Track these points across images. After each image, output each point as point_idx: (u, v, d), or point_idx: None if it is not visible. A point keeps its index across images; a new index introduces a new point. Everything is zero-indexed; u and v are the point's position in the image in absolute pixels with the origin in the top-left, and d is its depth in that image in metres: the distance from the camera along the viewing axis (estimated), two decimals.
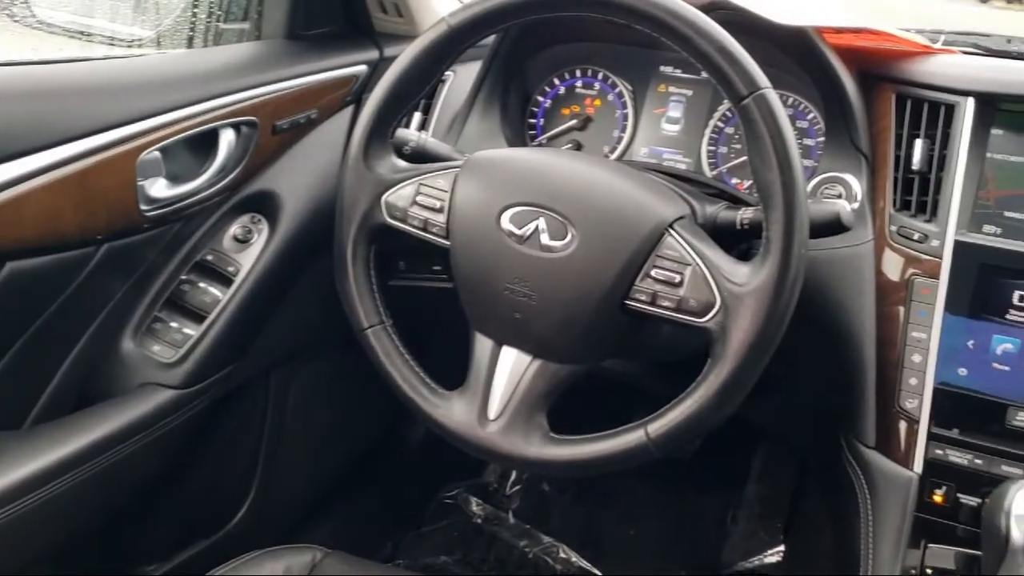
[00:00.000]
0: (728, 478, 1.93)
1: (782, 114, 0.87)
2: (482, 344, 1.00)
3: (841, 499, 1.16)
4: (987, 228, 1.08)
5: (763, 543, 1.79)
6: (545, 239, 0.95)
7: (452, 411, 1.00)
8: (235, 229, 1.34)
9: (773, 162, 0.87)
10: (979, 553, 0.96)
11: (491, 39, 1.32)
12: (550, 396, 0.97)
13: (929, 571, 1.06)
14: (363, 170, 1.05)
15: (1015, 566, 0.87)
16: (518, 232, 0.96)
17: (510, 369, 0.98)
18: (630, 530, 1.94)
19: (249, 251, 1.34)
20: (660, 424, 0.91)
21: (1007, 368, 1.04)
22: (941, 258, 1.07)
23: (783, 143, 0.86)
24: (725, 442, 1.86)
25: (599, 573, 1.82)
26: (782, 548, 1.76)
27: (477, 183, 1.00)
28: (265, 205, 1.35)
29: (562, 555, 1.85)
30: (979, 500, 1.02)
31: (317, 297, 1.36)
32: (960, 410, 1.06)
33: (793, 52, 1.18)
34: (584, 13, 0.95)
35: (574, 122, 1.37)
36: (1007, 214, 1.08)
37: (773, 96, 0.87)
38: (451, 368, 1.05)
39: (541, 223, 0.95)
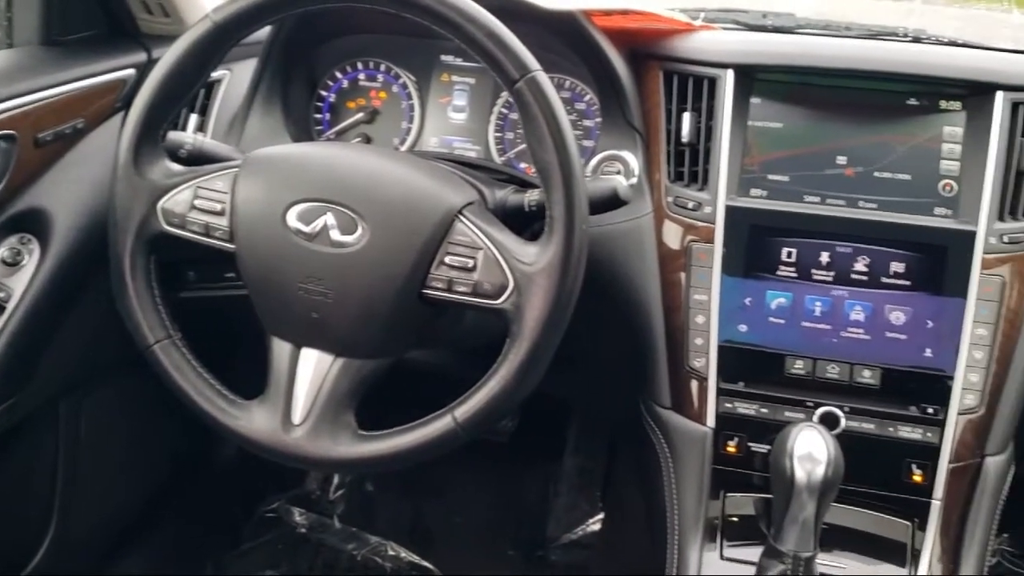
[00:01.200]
0: (546, 454, 1.98)
1: (554, 96, 0.89)
2: (280, 348, 0.97)
3: (646, 460, 1.22)
4: (754, 192, 1.15)
5: (584, 512, 1.85)
6: (335, 235, 0.93)
7: (253, 421, 0.97)
8: (2, 252, 1.24)
9: (549, 143, 0.89)
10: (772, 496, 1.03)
11: (267, 33, 1.28)
12: (356, 394, 0.96)
13: (735, 519, 1.14)
14: (134, 177, 0.99)
15: (801, 504, 0.95)
16: (306, 229, 0.94)
17: (312, 371, 0.96)
18: (457, 518, 1.95)
19: (20, 275, 1.24)
20: (466, 408, 0.92)
21: (782, 321, 1.12)
22: (715, 223, 1.13)
23: (557, 124, 0.89)
24: (540, 420, 1.91)
25: (429, 566, 1.83)
26: (601, 515, 1.83)
27: (258, 182, 0.97)
28: (34, 223, 1.25)
29: (391, 552, 1.85)
30: (768, 447, 1.09)
31: (100, 317, 1.28)
32: (744, 364, 1.13)
33: (565, 36, 1.21)
34: (350, 4, 0.93)
35: (361, 115, 1.36)
36: (771, 177, 1.16)
37: (544, 78, 0.90)
38: (261, 377, 1.02)
39: (329, 218, 0.94)
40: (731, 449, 1.14)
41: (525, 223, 1.05)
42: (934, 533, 1.09)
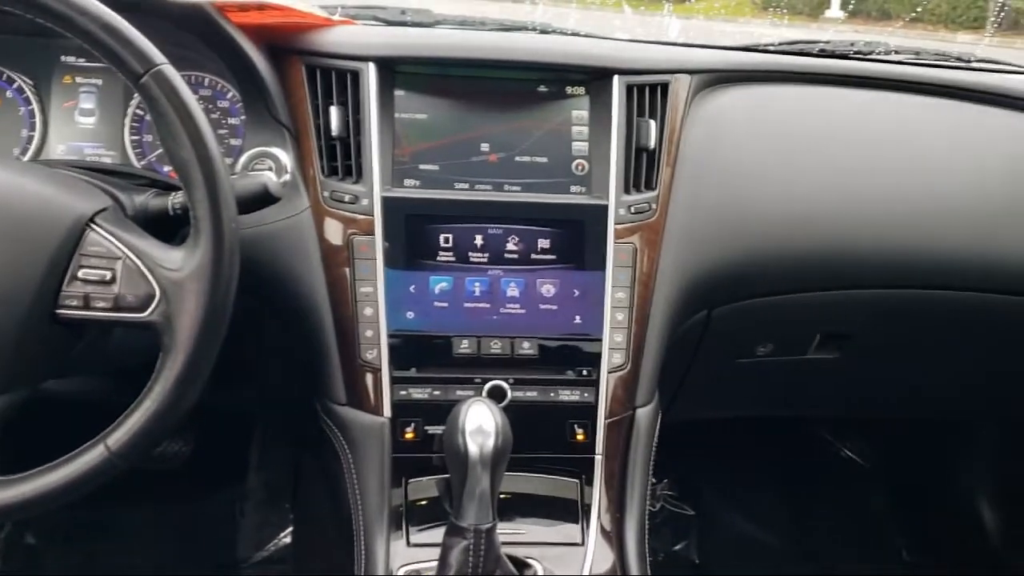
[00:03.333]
0: (229, 475, 1.89)
1: (184, 89, 0.85)
2: None
3: (329, 461, 1.20)
4: (408, 182, 1.17)
5: (275, 528, 1.79)
6: None
7: None
8: None
9: (184, 139, 0.84)
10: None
11: None
12: None
13: (421, 503, 1.15)
14: None
15: (476, 477, 0.98)
16: None
17: None
18: (138, 559, 1.81)
19: None
20: (120, 434, 0.85)
21: (446, 304, 1.15)
22: (373, 215, 1.14)
23: (191, 118, 0.84)
24: (220, 439, 1.82)
25: None
26: (291, 528, 1.78)
27: None
28: None
29: None
30: (443, 428, 1.12)
31: None
32: (414, 351, 1.15)
33: (199, 33, 1.15)
34: None
35: None
36: (422, 167, 1.18)
37: (172, 71, 0.85)
38: None
39: None
40: (409, 435, 1.15)
41: (173, 228, 0.99)
42: (599, 486, 1.18)
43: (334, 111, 1.16)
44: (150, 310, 0.85)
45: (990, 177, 1.35)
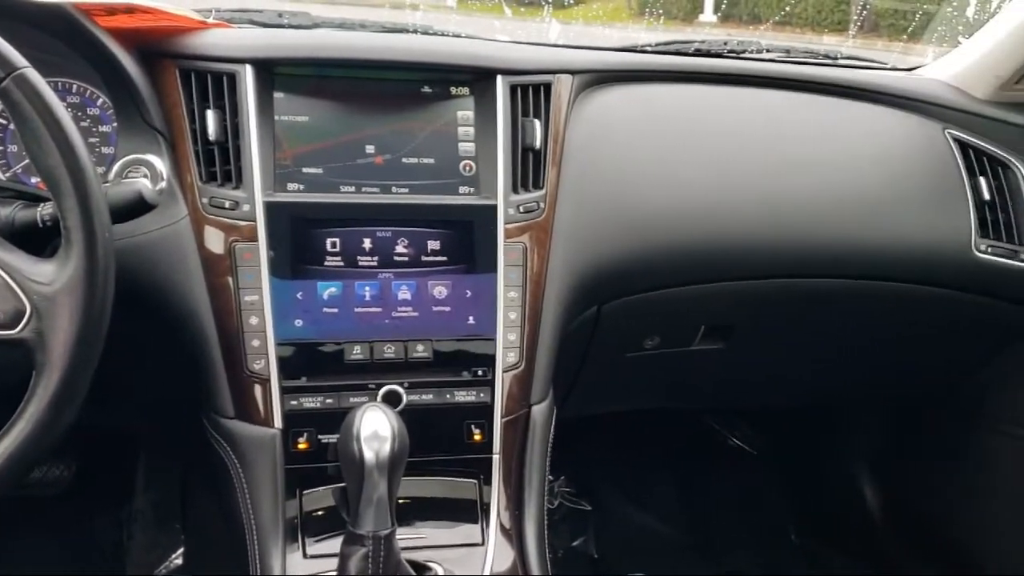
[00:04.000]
0: (114, 497, 1.81)
1: (49, 93, 0.81)
2: None
3: (218, 478, 1.16)
4: (291, 186, 1.15)
5: (164, 549, 1.73)
6: None
7: None
8: None
9: (51, 146, 0.80)
10: None
11: None
12: None
13: (317, 513, 1.12)
14: None
15: (373, 483, 0.96)
16: None
17: None
18: None
19: None
20: None
21: (336, 310, 1.13)
22: (255, 221, 1.11)
23: (57, 124, 0.80)
24: (104, 461, 1.74)
25: None
26: (183, 548, 1.72)
27: None
28: None
29: None
30: (337, 436, 1.10)
31: None
32: (304, 359, 1.13)
33: (63, 36, 1.10)
34: None
35: None
36: (305, 170, 1.16)
37: (35, 75, 0.81)
38: None
39: None
40: (302, 446, 1.12)
41: (44, 241, 0.94)
42: (498, 485, 1.18)
43: (211, 115, 1.13)
44: (20, 326, 0.81)
45: (857, 168, 1.42)
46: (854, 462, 1.97)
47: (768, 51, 1.57)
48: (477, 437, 1.18)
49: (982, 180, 1.42)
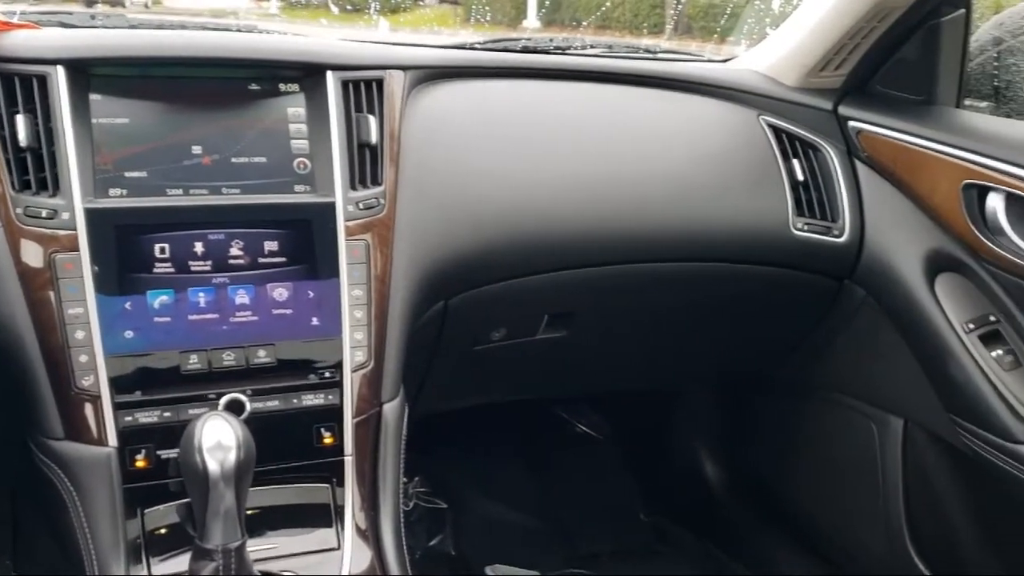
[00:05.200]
0: None
1: None
2: None
3: (51, 503, 1.09)
4: (113, 191, 1.09)
5: None
6: None
7: None
8: None
9: None
10: None
11: None
12: None
13: (161, 531, 1.07)
14: None
15: (220, 495, 0.92)
16: None
17: None
18: None
19: None
20: None
21: (168, 319, 1.08)
22: (76, 230, 1.05)
23: None
24: None
25: None
26: None
27: None
28: None
29: None
30: (178, 450, 1.05)
31: None
32: (137, 372, 1.07)
33: None
34: None
35: None
36: (128, 174, 1.10)
37: None
38: None
39: None
40: (140, 463, 1.07)
41: None
42: (351, 487, 1.16)
43: (20, 120, 1.06)
44: None
45: (680, 156, 1.48)
46: (695, 439, 2.06)
47: (592, 47, 1.62)
48: (328, 440, 1.16)
49: (795, 162, 1.52)
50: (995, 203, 1.34)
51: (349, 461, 1.16)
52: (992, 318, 1.40)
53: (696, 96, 1.55)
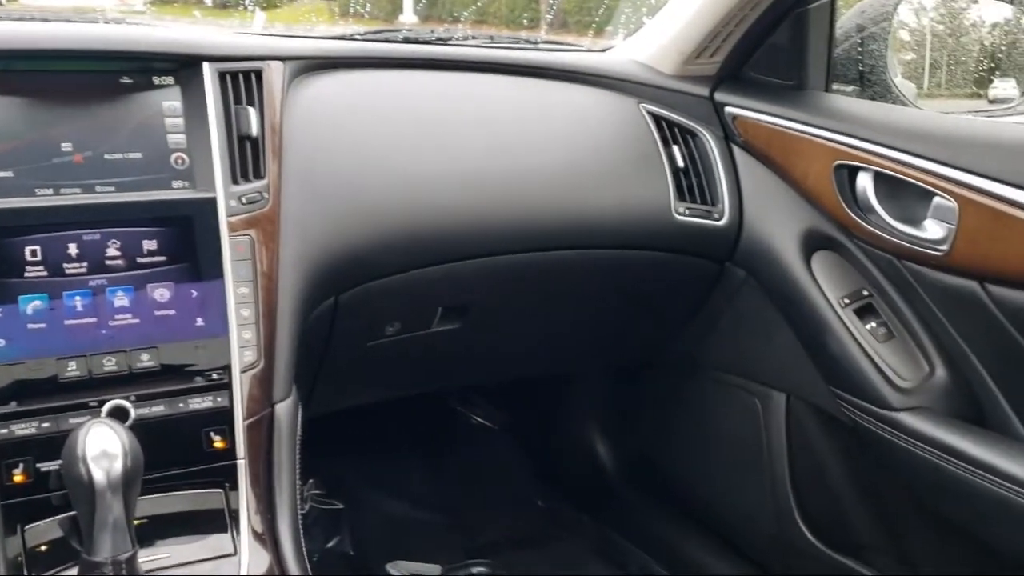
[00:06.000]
0: None
1: None
2: None
3: None
4: None
5: None
6: None
7: None
8: None
9: None
10: None
11: None
12: None
13: (42, 548, 1.02)
14: None
15: (107, 505, 0.88)
16: None
17: None
18: None
19: None
20: None
21: (43, 325, 1.03)
22: None
23: None
24: None
25: None
26: None
27: None
28: None
29: None
30: (59, 461, 1.00)
31: None
32: (11, 382, 1.01)
33: None
34: None
35: None
36: None
37: None
38: None
39: None
40: (19, 478, 1.01)
41: None
42: (246, 490, 1.12)
43: None
44: None
45: (563, 145, 1.50)
46: (588, 424, 2.09)
47: (474, 38, 1.62)
48: (219, 444, 1.12)
49: (675, 149, 1.55)
50: (865, 182, 1.41)
51: (242, 464, 1.13)
52: (865, 292, 1.47)
53: (578, 85, 1.57)
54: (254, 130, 1.17)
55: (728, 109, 1.60)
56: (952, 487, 1.30)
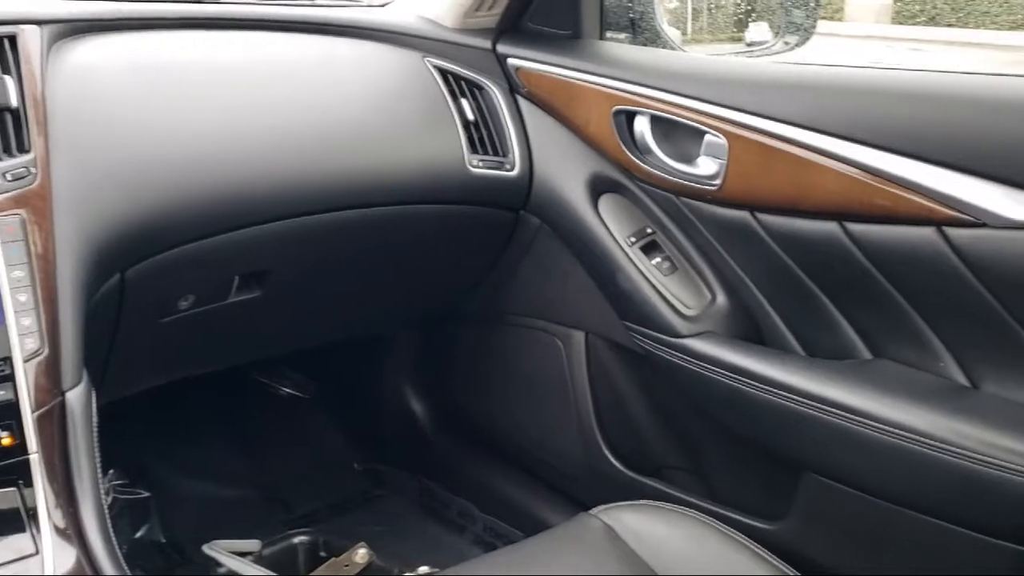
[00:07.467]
0: None
1: None
2: None
3: None
4: None
5: None
6: None
7: None
8: None
9: None
10: None
11: None
12: None
13: None
14: None
15: None
16: None
17: None
18: None
19: None
20: None
21: None
22: None
23: None
24: None
25: None
26: None
27: None
28: None
29: None
30: None
31: None
32: None
33: None
34: None
35: None
36: None
37: None
38: None
39: None
40: None
41: None
42: (42, 487, 1.05)
43: None
44: None
45: (350, 102, 1.48)
46: (400, 381, 2.10)
47: None
48: (6, 441, 1.04)
49: (464, 102, 1.57)
50: (642, 126, 1.49)
51: (35, 459, 1.05)
52: (649, 230, 1.56)
53: (361, 41, 1.55)
54: (13, 101, 1.08)
55: (510, 61, 1.63)
56: (738, 403, 1.42)
